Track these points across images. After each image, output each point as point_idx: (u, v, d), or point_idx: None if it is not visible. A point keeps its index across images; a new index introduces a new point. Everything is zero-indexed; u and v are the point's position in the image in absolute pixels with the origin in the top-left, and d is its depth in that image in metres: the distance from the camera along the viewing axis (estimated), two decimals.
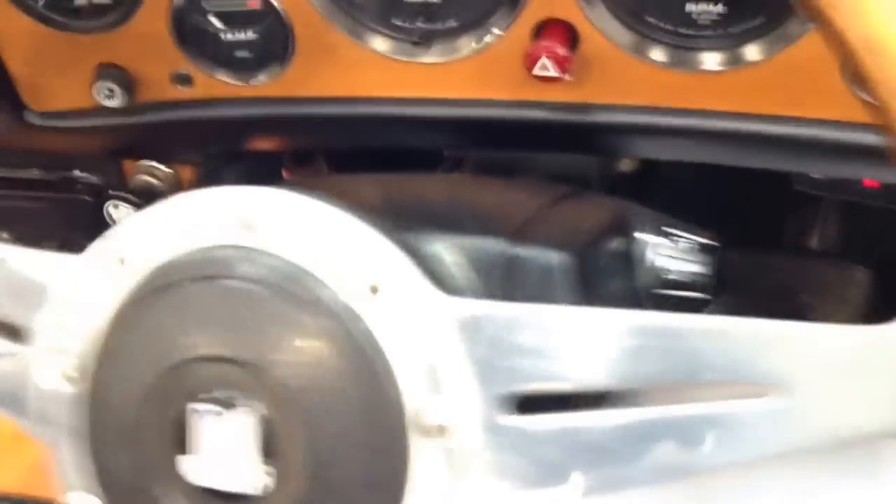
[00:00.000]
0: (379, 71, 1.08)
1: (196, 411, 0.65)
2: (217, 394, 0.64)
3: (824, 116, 0.99)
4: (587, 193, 1.03)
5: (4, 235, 1.30)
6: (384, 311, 0.64)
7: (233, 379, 0.64)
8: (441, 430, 0.63)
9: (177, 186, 1.31)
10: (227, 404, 0.64)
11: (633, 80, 1.02)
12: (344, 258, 0.66)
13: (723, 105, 1.01)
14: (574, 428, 0.63)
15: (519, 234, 0.80)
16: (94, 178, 1.32)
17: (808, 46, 0.95)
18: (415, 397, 0.64)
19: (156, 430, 0.67)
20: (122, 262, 0.70)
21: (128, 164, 1.32)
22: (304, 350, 0.64)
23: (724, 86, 1.00)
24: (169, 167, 1.31)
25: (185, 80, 1.14)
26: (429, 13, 1.06)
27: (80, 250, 0.74)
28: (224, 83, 1.13)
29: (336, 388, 0.63)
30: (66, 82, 1.16)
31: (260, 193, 0.69)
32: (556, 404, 0.63)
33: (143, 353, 0.67)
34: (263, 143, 1.21)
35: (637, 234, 0.92)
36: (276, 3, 1.07)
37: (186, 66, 1.13)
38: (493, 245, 0.78)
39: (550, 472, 0.63)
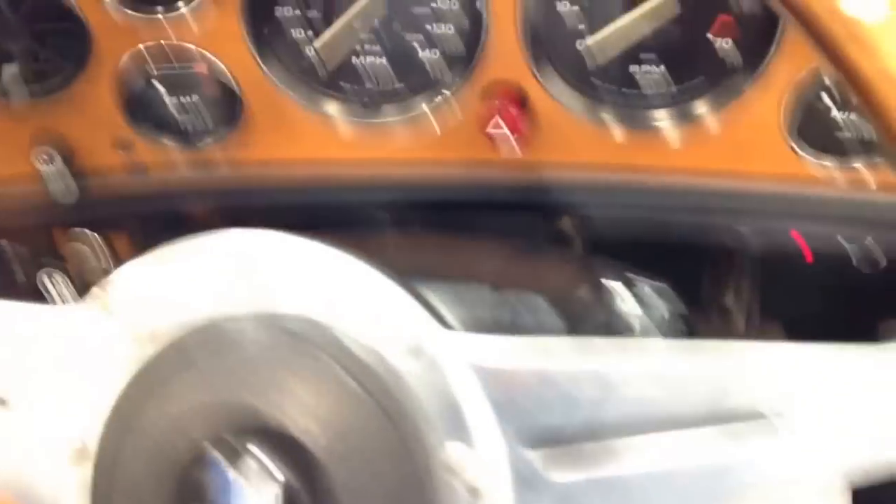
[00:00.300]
0: (328, 133, 1.09)
1: (220, 481, 0.62)
2: (242, 463, 0.62)
3: (767, 171, 1.04)
4: (556, 249, 1.05)
5: None
6: (416, 370, 0.64)
7: (261, 446, 0.62)
8: (475, 491, 0.63)
9: (109, 254, 1.28)
10: (253, 474, 0.62)
11: (582, 139, 1.05)
12: (374, 317, 0.64)
13: (671, 162, 1.04)
14: (603, 478, 0.63)
15: (513, 288, 0.81)
16: (23, 248, 1.28)
17: (752, 102, 1.00)
18: (448, 455, 0.63)
19: None
20: (141, 337, 0.65)
21: (58, 233, 1.29)
22: (337, 412, 0.63)
23: (680, 141, 1.04)
24: (102, 235, 1.28)
25: (126, 145, 1.13)
26: (377, 76, 1.08)
27: None
28: (168, 148, 1.13)
29: (371, 448, 0.62)
30: (2, 150, 1.14)
31: (273, 241, 0.66)
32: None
33: (166, 429, 0.64)
34: (207, 208, 1.19)
35: (607, 284, 0.94)
36: (224, 68, 1.07)
37: (128, 131, 1.12)
38: (495, 301, 0.79)
39: None
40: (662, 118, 1.04)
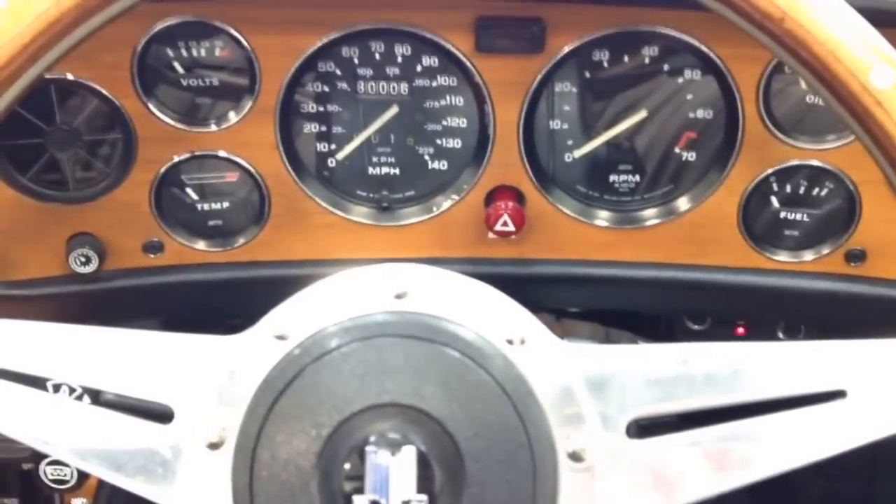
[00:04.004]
0: (347, 235, 1.23)
1: (368, 455, 0.72)
2: (386, 437, 0.73)
3: (725, 263, 1.23)
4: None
5: None
6: (524, 358, 0.77)
7: (399, 423, 0.74)
8: (576, 456, 0.75)
9: None
10: (396, 446, 0.73)
11: (573, 237, 1.22)
12: (484, 316, 0.78)
13: (648, 256, 1.23)
14: (682, 444, 0.76)
15: None
16: None
17: (715, 205, 1.20)
18: (555, 428, 0.75)
19: (325, 483, 0.73)
20: (281, 337, 0.77)
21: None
22: (464, 393, 0.74)
23: (652, 238, 1.22)
24: None
25: (156, 248, 1.23)
26: (391, 184, 1.23)
27: None
28: (193, 250, 1.24)
29: (489, 421, 0.74)
30: (37, 251, 1.22)
31: (409, 269, 0.81)
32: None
33: (310, 412, 0.74)
34: (227, 307, 1.29)
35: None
36: (256, 175, 1.20)
37: (160, 234, 1.22)
38: None
39: (668, 481, 0.76)
40: (650, 216, 1.23)
